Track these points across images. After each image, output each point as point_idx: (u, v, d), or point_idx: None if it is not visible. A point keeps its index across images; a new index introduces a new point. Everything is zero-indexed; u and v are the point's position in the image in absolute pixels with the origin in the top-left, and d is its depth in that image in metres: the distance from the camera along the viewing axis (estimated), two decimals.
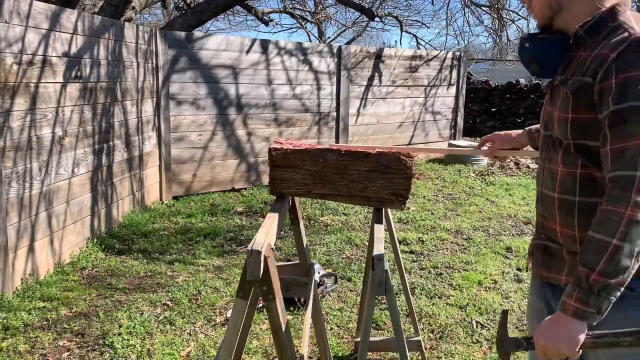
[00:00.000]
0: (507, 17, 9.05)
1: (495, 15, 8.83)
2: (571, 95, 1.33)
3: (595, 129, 1.30)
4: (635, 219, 1.16)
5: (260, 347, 2.91)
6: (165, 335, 2.99)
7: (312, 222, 5.19)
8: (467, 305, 3.41)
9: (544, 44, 1.45)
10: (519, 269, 4.03)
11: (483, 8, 8.91)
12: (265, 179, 6.55)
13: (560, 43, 1.43)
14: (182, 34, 5.85)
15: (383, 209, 1.99)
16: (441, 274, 3.91)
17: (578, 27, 1.37)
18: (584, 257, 1.22)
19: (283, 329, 1.59)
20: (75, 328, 3.06)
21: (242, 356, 2.48)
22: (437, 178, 7.24)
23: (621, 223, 1.17)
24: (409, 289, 2.63)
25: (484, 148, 2.01)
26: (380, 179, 1.82)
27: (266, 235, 1.53)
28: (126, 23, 5.06)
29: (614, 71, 1.22)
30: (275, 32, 20.88)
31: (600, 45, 1.30)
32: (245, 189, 6.43)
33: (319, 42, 16.07)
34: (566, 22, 1.40)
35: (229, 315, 3.21)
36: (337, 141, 7.28)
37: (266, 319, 3.05)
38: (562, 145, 1.39)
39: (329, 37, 17.19)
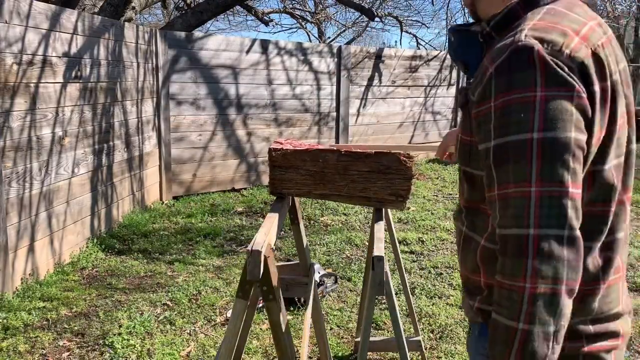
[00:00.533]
0: None
1: None
2: (461, 110, 1.08)
3: (477, 155, 1.02)
4: (538, 291, 0.86)
5: (260, 347, 2.91)
6: (165, 335, 2.99)
7: (312, 222, 5.20)
8: None
9: (466, 40, 1.14)
10: None
11: None
12: (265, 179, 6.55)
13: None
14: (182, 34, 5.85)
15: (383, 209, 1.99)
16: (441, 273, 3.91)
17: (485, 22, 1.07)
18: (493, 350, 0.94)
19: (283, 329, 1.59)
20: (75, 328, 3.06)
21: (242, 356, 2.48)
22: (437, 178, 7.24)
23: (523, 302, 0.87)
24: (409, 289, 2.63)
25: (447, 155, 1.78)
26: (380, 180, 1.82)
27: (266, 235, 1.53)
28: (126, 23, 5.06)
29: (492, 92, 0.92)
30: (275, 32, 20.89)
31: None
32: (245, 189, 6.43)
33: (319, 42, 16.08)
34: (484, 11, 1.11)
35: (229, 315, 3.21)
36: (337, 141, 7.28)
37: (266, 319, 3.05)
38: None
39: (329, 37, 17.19)
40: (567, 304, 0.88)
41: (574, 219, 0.88)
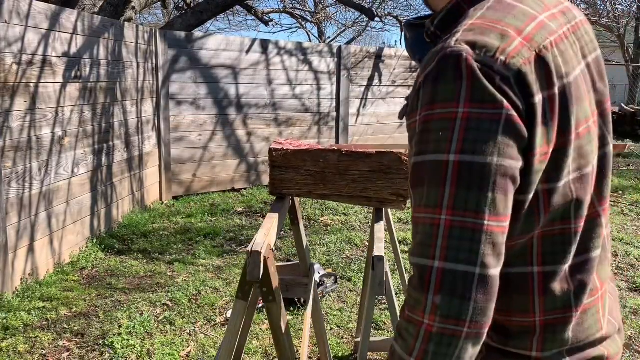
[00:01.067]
0: None
1: None
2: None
3: None
4: (434, 330, 0.77)
5: (260, 347, 2.90)
6: (165, 336, 2.99)
7: (312, 222, 5.19)
8: None
9: (421, 36, 1.00)
10: None
11: None
12: (265, 179, 6.55)
13: None
14: (182, 34, 5.84)
15: (383, 209, 1.98)
16: None
17: (429, 21, 0.95)
18: None
19: (283, 330, 1.59)
20: (75, 328, 3.06)
21: (242, 356, 2.48)
22: None
23: (418, 337, 0.78)
24: None
25: None
26: (381, 179, 1.82)
27: (266, 235, 1.53)
28: (126, 23, 5.06)
29: (419, 104, 0.82)
30: (275, 32, 20.93)
31: None
32: (245, 189, 6.43)
33: (319, 42, 16.07)
34: (434, 2, 0.97)
35: (229, 315, 3.21)
36: (337, 141, 7.27)
37: (266, 319, 3.04)
38: None
39: (329, 37, 17.19)
40: (466, 349, 0.77)
41: (489, 256, 0.76)
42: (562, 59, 0.82)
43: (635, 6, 13.29)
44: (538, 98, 0.78)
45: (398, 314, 1.90)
